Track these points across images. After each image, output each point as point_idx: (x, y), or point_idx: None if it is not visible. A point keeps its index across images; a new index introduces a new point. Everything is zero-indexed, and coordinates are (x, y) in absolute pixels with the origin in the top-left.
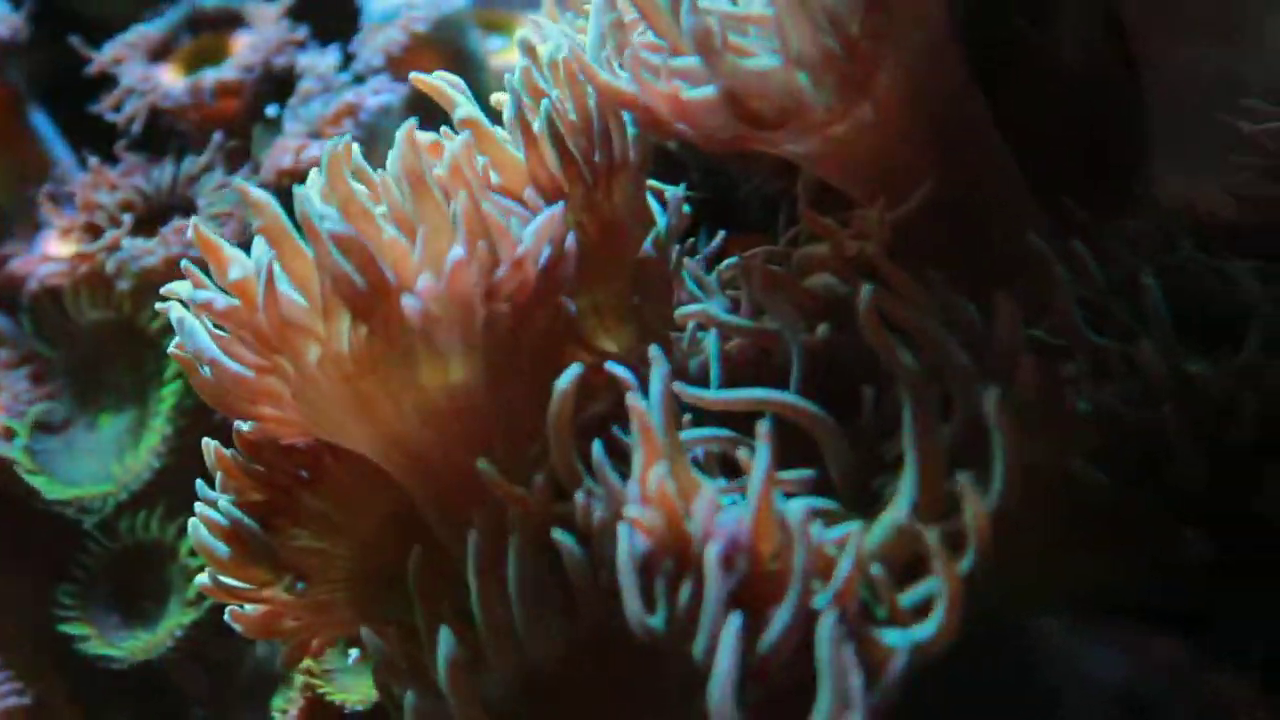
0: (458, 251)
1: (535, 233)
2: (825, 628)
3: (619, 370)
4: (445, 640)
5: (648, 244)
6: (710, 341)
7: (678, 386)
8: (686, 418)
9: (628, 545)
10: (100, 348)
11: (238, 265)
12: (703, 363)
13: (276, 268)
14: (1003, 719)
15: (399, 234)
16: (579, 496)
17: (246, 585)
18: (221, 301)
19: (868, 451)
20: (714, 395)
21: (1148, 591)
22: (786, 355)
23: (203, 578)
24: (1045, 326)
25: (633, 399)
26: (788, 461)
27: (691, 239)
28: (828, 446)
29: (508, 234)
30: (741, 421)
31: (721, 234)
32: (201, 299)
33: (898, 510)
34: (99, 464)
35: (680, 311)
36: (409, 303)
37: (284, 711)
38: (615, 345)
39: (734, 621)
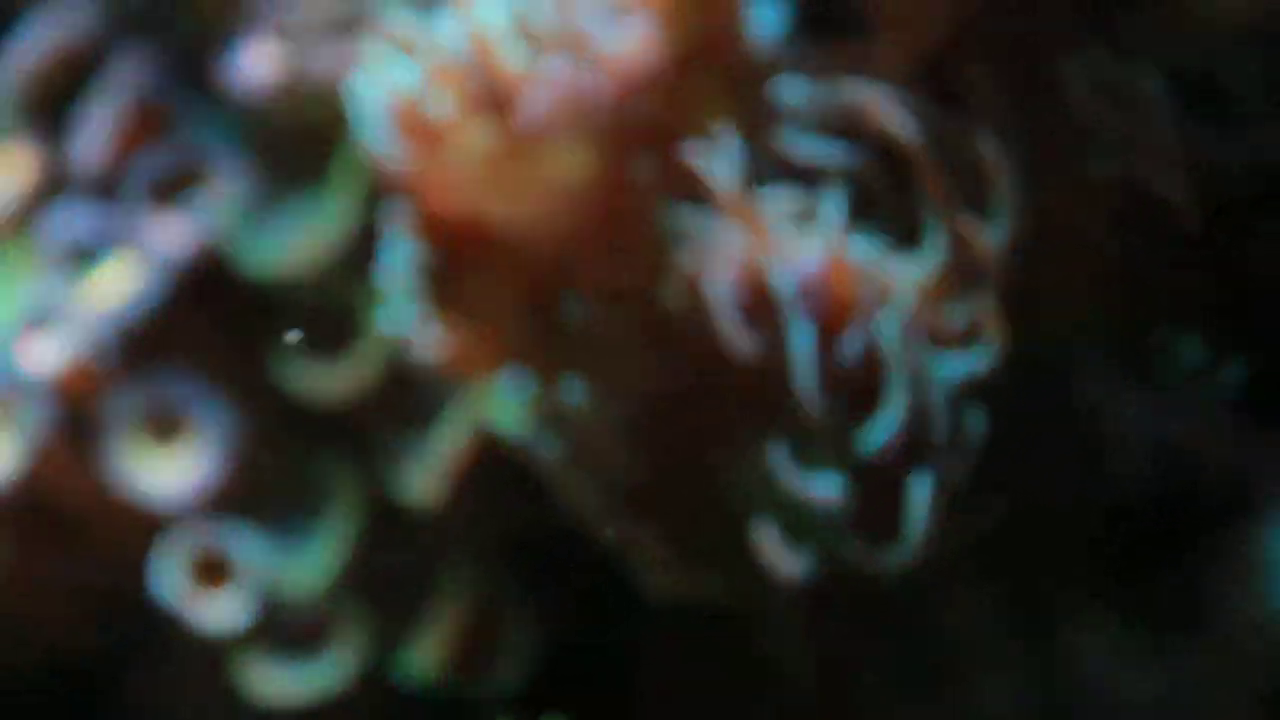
0: (556, 69)
1: (625, 41)
2: (890, 330)
3: (705, 145)
4: (571, 389)
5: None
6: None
7: (780, 136)
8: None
9: (717, 287)
10: (298, 143)
11: (398, 81)
12: None
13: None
14: (1053, 461)
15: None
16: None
17: (426, 323)
18: (389, 109)
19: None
20: (797, 151)
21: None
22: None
23: (390, 317)
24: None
25: (704, 165)
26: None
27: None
28: (882, 197)
29: (601, 45)
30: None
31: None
32: (374, 107)
33: (935, 252)
34: (299, 240)
35: (776, 91)
36: (525, 113)
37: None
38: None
39: (807, 331)
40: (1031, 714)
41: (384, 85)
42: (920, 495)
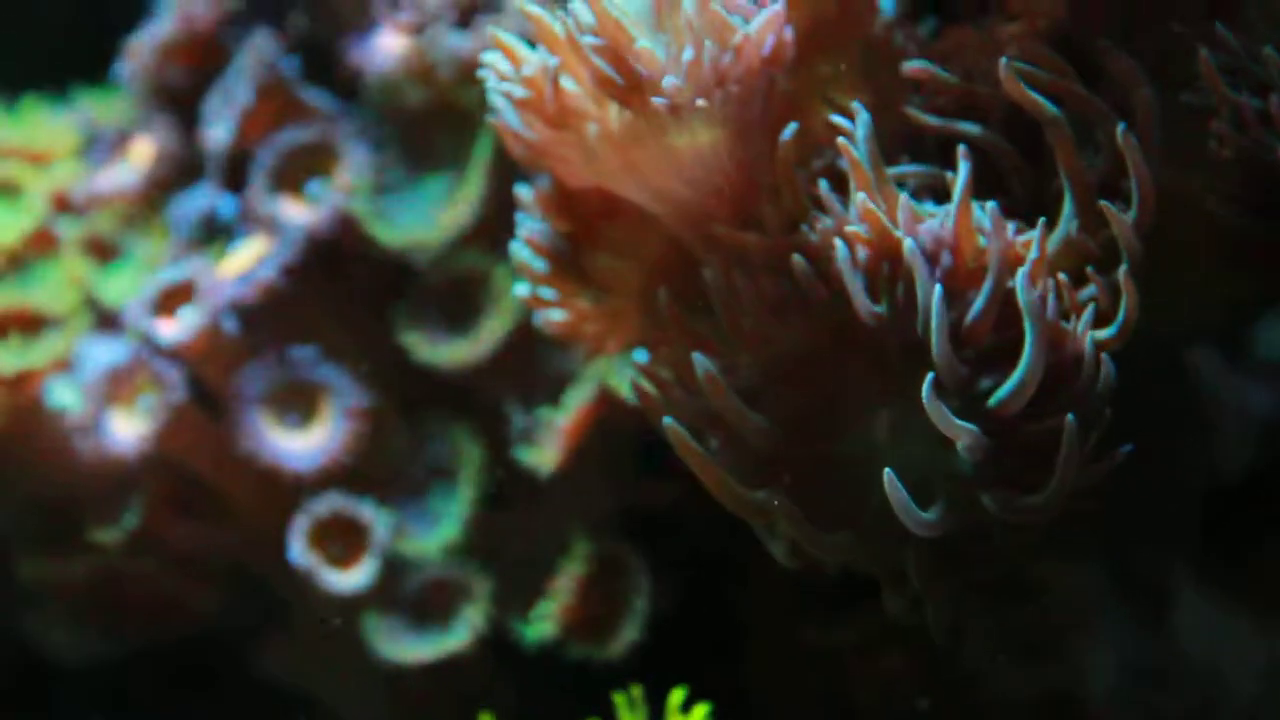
0: (689, 52)
1: (758, 26)
2: (1023, 287)
3: (837, 120)
4: (699, 359)
5: (877, 26)
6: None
7: (909, 109)
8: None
9: (845, 253)
10: (425, 123)
11: (529, 64)
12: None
13: (556, 66)
14: (1163, 437)
15: (648, 39)
16: (804, 226)
17: (556, 295)
18: (520, 91)
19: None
20: (931, 120)
21: None
22: (987, 109)
23: (521, 288)
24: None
25: (842, 141)
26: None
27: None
28: (1011, 171)
29: (734, 29)
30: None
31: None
32: (505, 89)
33: (1065, 224)
34: (426, 215)
35: (905, 66)
36: (657, 99)
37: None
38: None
39: (937, 291)
40: (1133, 686)
41: (517, 65)
42: (1067, 445)
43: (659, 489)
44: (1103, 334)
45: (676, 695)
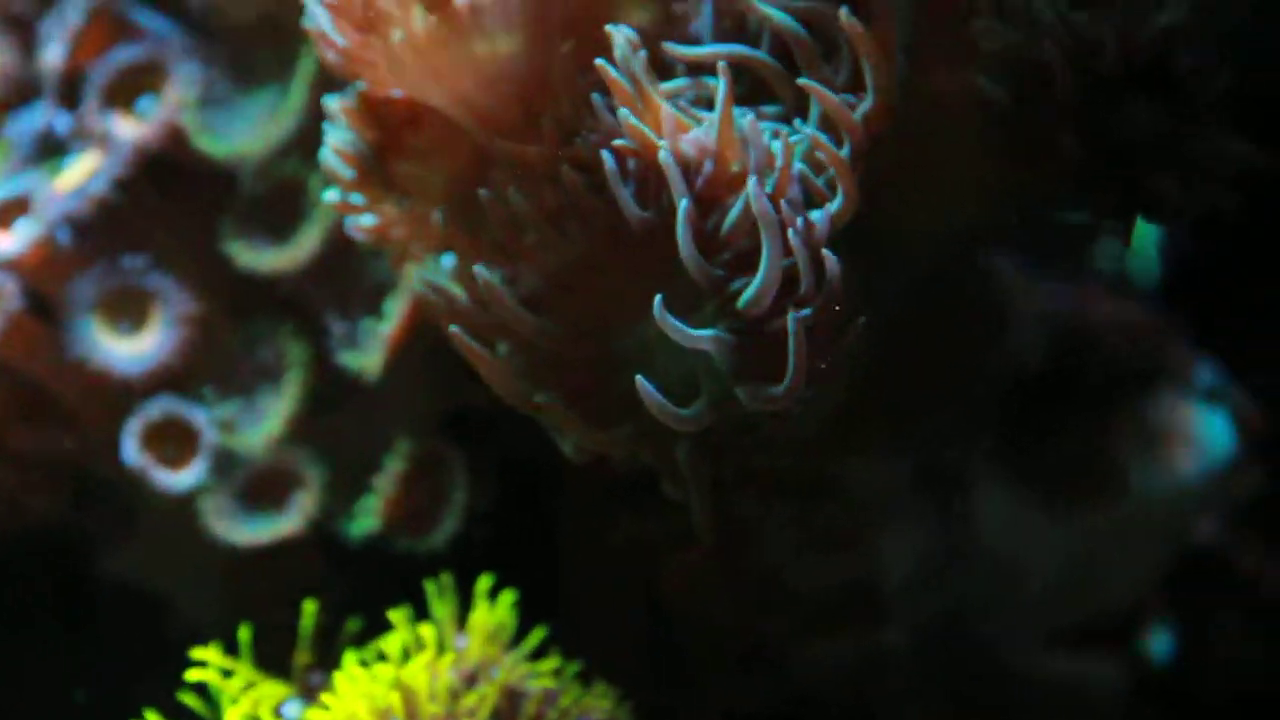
0: None
1: None
2: (754, 195)
3: (616, 32)
4: (478, 269)
5: None
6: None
7: (668, 45)
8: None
9: (611, 163)
10: (252, 39)
11: None
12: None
13: None
14: (959, 332)
15: None
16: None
17: (364, 200)
18: None
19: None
20: (690, 50)
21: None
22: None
23: (331, 195)
24: None
25: (599, 62)
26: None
27: None
28: (775, 82)
29: None
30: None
31: None
32: None
33: (808, 126)
34: (252, 128)
35: None
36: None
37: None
38: (644, 17)
39: (683, 203)
40: (929, 575)
41: None
42: (795, 338)
43: (480, 389)
44: (828, 210)
45: (483, 582)
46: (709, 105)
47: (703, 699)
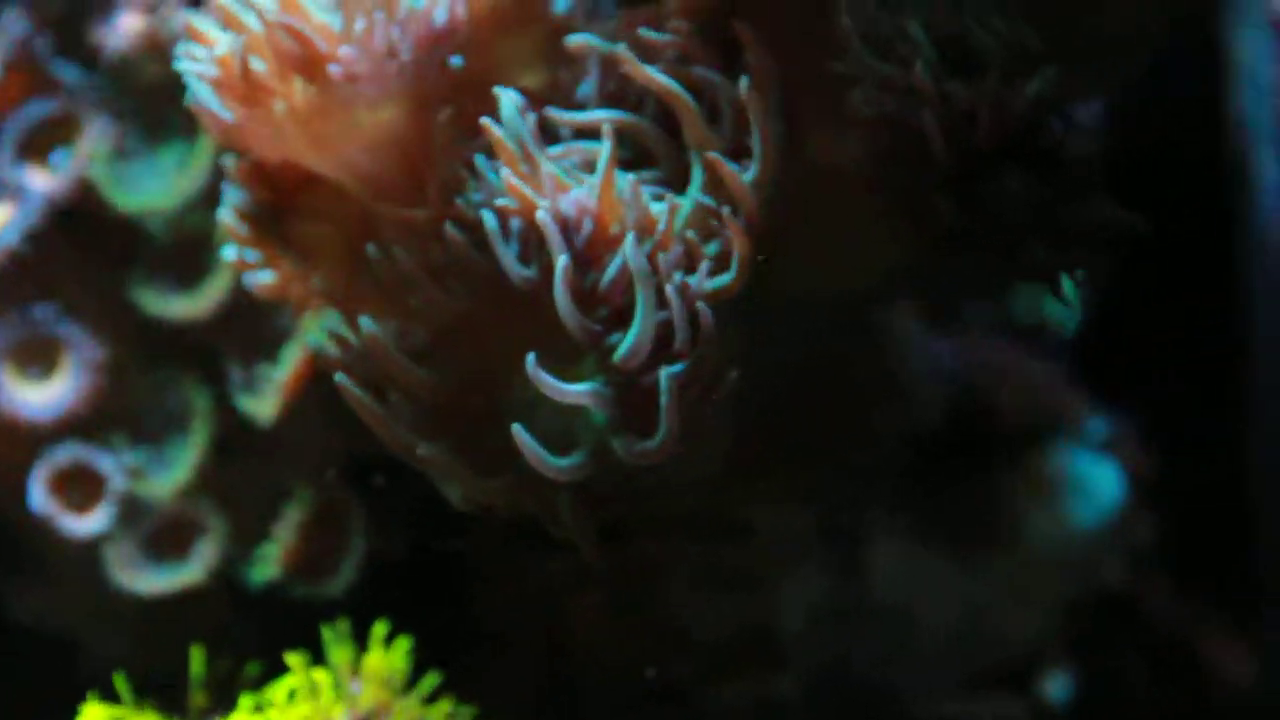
0: (360, 23)
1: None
2: (631, 254)
3: (504, 95)
4: (363, 322)
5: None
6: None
7: (552, 111)
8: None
9: (492, 223)
10: (161, 96)
11: (220, 44)
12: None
13: (244, 46)
14: (859, 389)
15: (327, 14)
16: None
17: (261, 258)
18: (212, 71)
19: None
20: (574, 116)
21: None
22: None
23: (230, 251)
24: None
25: (485, 122)
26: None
27: None
28: (658, 147)
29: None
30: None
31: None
32: (198, 70)
33: (694, 192)
34: (162, 182)
35: (571, 39)
36: (333, 68)
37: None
38: (533, 81)
39: (562, 260)
40: (826, 625)
41: (209, 51)
42: (666, 393)
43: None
44: (720, 280)
45: (379, 628)
46: (594, 170)
47: None
